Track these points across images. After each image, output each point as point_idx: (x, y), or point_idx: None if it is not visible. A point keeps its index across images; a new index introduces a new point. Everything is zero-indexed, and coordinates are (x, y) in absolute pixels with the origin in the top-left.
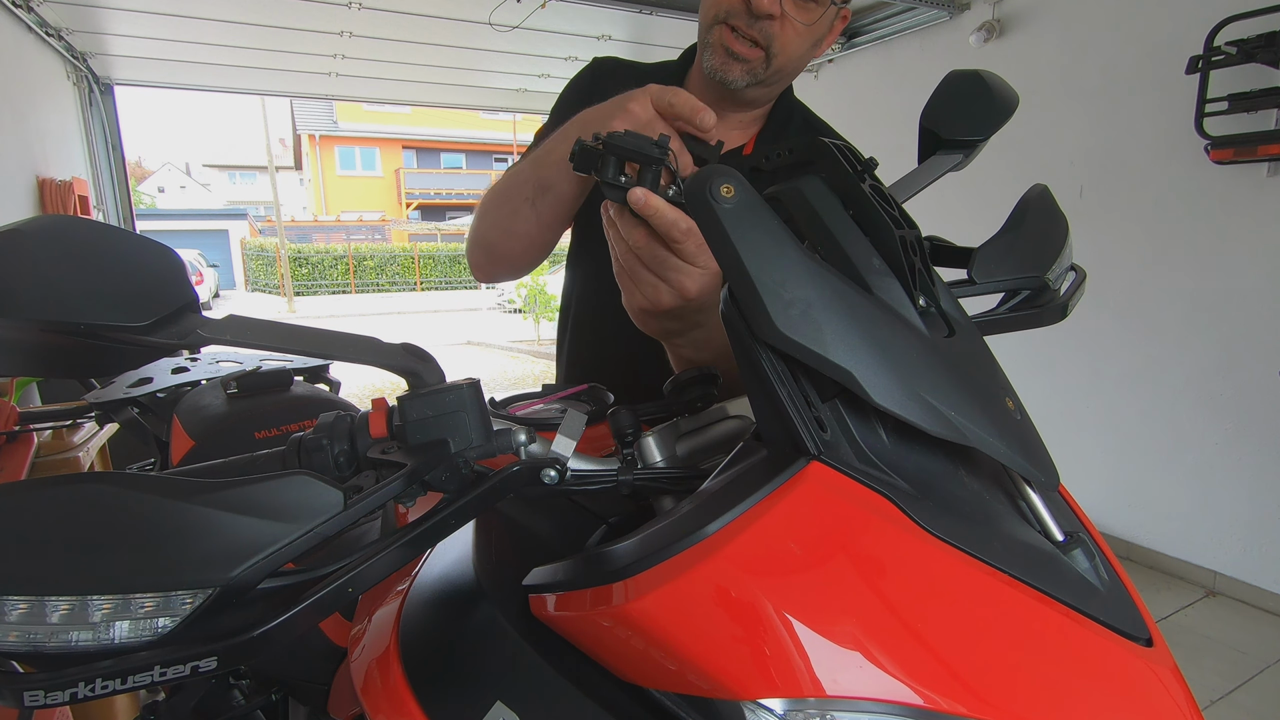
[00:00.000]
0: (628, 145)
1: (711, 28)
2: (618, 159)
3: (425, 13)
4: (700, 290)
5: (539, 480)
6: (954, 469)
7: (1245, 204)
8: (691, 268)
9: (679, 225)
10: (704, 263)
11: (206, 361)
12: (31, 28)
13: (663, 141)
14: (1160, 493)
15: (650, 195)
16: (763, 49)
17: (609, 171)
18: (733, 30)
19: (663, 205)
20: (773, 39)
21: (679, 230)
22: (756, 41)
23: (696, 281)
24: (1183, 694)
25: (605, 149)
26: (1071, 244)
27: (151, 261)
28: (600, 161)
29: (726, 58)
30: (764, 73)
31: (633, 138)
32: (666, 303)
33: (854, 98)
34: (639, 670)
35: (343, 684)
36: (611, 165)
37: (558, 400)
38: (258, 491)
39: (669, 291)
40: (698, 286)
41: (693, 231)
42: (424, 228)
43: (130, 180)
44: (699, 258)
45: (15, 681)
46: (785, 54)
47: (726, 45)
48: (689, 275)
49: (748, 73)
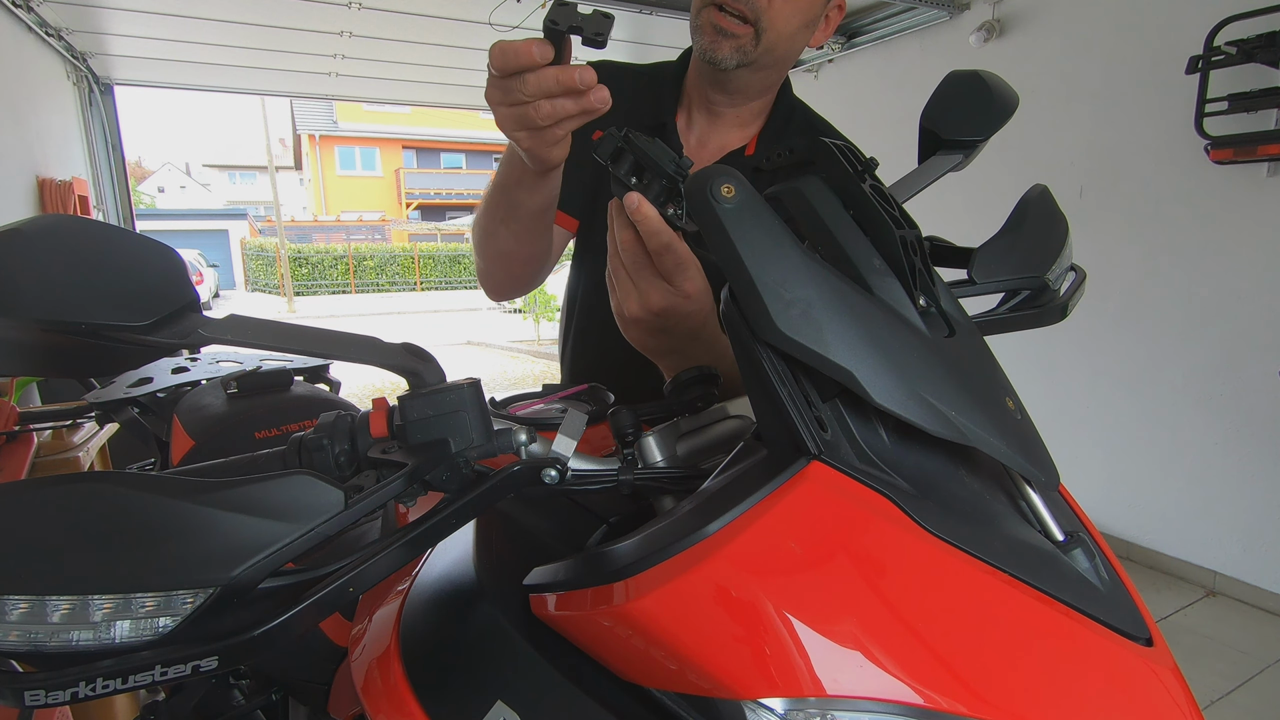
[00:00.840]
0: (649, 150)
1: (700, 11)
2: (634, 160)
3: (425, 13)
4: (664, 307)
5: (539, 480)
6: (954, 469)
7: (1245, 204)
8: (662, 284)
9: (660, 237)
10: (677, 282)
11: (206, 361)
12: (31, 28)
13: (685, 164)
14: (1160, 493)
15: (644, 202)
16: (751, 24)
17: (622, 168)
18: (720, 9)
19: (652, 214)
20: (760, 13)
21: (659, 241)
22: (745, 17)
23: (664, 298)
24: (1183, 694)
25: (626, 146)
26: (1071, 244)
27: (152, 261)
28: (618, 155)
29: (716, 36)
30: (754, 51)
31: (658, 147)
32: (633, 310)
33: (854, 98)
34: (640, 670)
35: (343, 684)
36: (627, 163)
37: (558, 400)
38: (258, 491)
39: (638, 299)
40: (663, 303)
41: (671, 248)
42: (424, 228)
43: (130, 180)
44: (674, 276)
45: (16, 681)
46: (774, 29)
47: (715, 23)
48: (658, 289)
49: (737, 50)
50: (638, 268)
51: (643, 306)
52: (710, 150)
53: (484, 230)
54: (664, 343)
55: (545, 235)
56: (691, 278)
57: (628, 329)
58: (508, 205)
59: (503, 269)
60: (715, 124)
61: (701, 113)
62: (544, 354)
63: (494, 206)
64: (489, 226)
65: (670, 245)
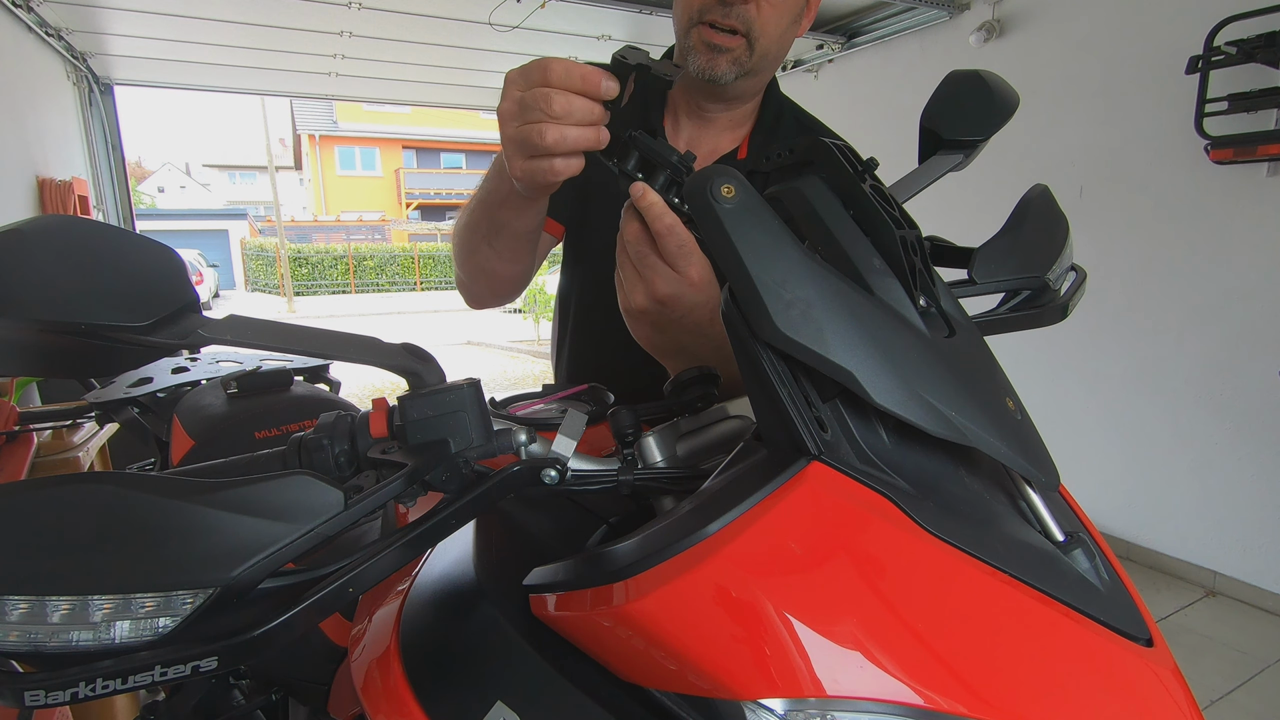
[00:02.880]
0: (652, 146)
1: (689, 31)
2: (639, 155)
3: (425, 13)
4: (670, 294)
5: (539, 480)
6: (954, 469)
7: (1245, 204)
8: (667, 270)
9: (663, 219)
10: (681, 267)
11: (206, 361)
12: (31, 28)
13: (687, 157)
14: (1160, 493)
15: (648, 190)
16: (743, 35)
17: (629, 163)
18: (711, 26)
19: (657, 200)
20: (751, 23)
21: (662, 224)
22: (735, 29)
23: (668, 285)
24: (1183, 694)
25: (631, 143)
26: (1072, 244)
27: (152, 261)
28: (624, 152)
29: (710, 53)
30: (749, 60)
31: (660, 143)
32: (639, 302)
33: (854, 98)
34: (639, 670)
35: (343, 684)
36: (633, 159)
37: (558, 400)
38: (258, 491)
39: (643, 289)
40: (668, 290)
41: (674, 230)
42: (424, 228)
43: (130, 180)
44: (677, 261)
45: (16, 681)
46: (767, 35)
47: (707, 40)
48: (662, 276)
49: (734, 63)
50: (642, 256)
51: (648, 295)
52: (701, 155)
53: (466, 246)
54: (670, 339)
55: (531, 253)
56: (696, 264)
57: (635, 324)
58: (492, 224)
59: (484, 284)
60: (705, 128)
61: (689, 118)
62: (544, 354)
63: (477, 223)
64: (471, 243)
65: (673, 227)
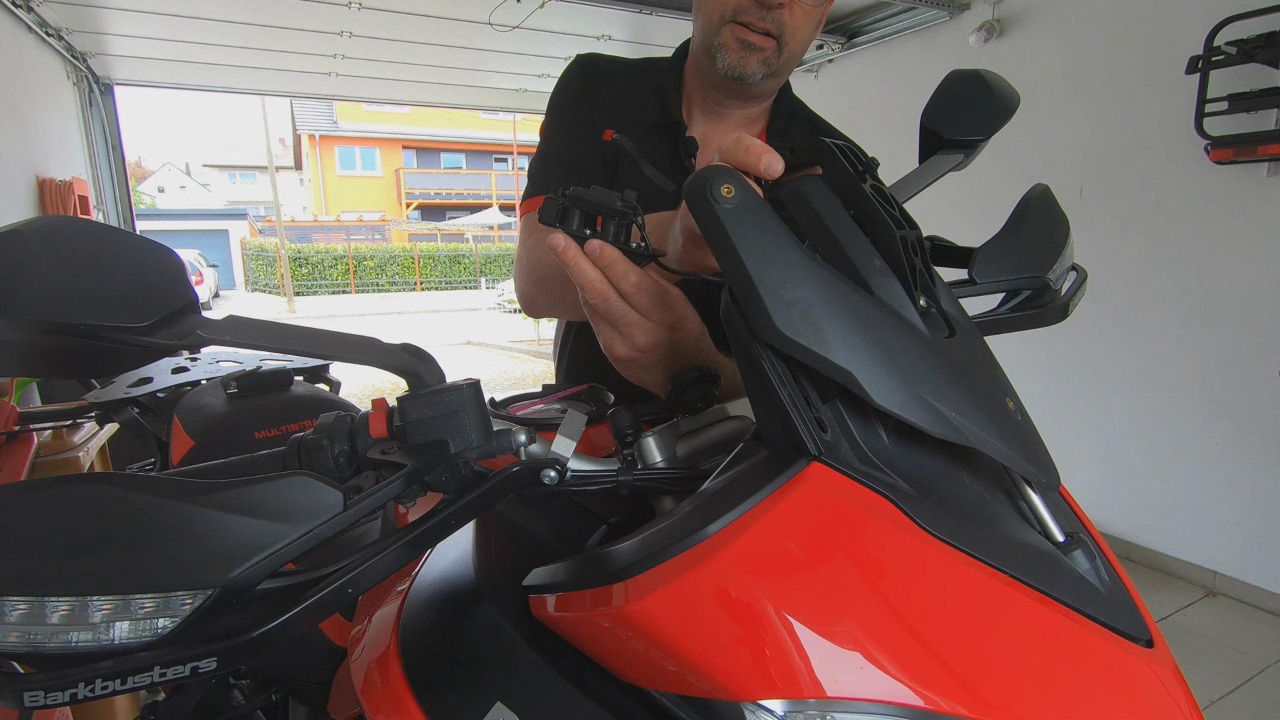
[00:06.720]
0: (591, 199)
1: (720, 29)
2: (582, 211)
3: (425, 13)
4: (651, 343)
5: (539, 481)
6: (954, 469)
7: (1245, 204)
8: (644, 320)
9: (628, 278)
10: (657, 317)
11: (206, 361)
12: (31, 28)
13: (629, 198)
14: (1160, 493)
15: (605, 246)
16: (774, 37)
17: (573, 223)
18: (744, 25)
19: (615, 256)
20: (784, 26)
21: (629, 283)
22: (769, 31)
23: (648, 335)
24: (1183, 694)
25: (569, 202)
26: (1072, 244)
27: (151, 262)
28: (565, 213)
29: (743, 51)
30: (777, 61)
31: (598, 192)
32: (621, 352)
33: (854, 98)
34: (639, 671)
35: (343, 684)
36: (576, 218)
37: (558, 400)
38: (258, 492)
39: (622, 342)
40: (648, 340)
41: (643, 285)
42: (424, 228)
43: (130, 180)
44: (653, 311)
45: (15, 682)
46: (796, 40)
47: (741, 39)
48: (640, 328)
49: (763, 63)
50: (615, 316)
51: (629, 347)
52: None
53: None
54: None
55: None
56: (672, 306)
57: (622, 369)
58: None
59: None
60: (720, 124)
61: (704, 113)
62: (544, 354)
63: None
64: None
65: (640, 285)
